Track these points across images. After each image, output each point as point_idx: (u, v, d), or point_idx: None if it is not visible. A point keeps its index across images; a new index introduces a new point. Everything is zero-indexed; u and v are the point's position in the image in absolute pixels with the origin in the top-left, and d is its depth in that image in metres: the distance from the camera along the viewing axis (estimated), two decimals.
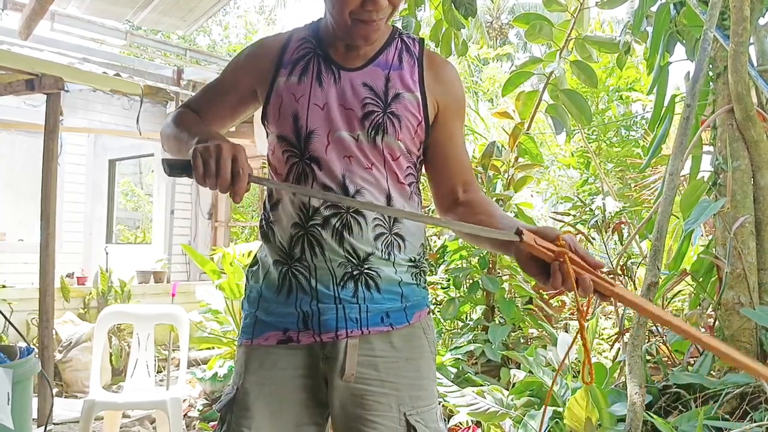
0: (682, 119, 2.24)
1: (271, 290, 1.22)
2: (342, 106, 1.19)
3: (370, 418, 1.17)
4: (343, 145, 1.18)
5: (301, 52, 1.24)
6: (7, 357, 2.20)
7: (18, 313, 4.90)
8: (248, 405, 1.19)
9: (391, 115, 1.19)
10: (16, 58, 3.93)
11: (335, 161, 1.17)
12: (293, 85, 1.21)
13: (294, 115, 1.19)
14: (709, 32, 2.28)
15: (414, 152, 1.25)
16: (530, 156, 3.61)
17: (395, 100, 1.20)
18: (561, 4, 3.50)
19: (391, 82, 1.21)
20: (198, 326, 4.04)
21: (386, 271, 1.19)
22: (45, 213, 3.62)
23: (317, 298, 1.17)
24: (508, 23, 20.79)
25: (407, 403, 1.18)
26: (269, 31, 18.32)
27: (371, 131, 1.18)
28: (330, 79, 1.20)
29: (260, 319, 1.23)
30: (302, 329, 1.19)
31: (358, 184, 1.17)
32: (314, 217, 1.18)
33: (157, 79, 6.95)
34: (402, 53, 1.25)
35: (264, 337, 1.22)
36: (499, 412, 2.26)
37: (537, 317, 3.54)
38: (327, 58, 1.22)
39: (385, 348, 1.19)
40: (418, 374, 1.21)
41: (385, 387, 1.18)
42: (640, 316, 2.12)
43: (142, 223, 12.04)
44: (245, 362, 1.23)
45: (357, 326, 1.17)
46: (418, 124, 1.22)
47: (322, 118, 1.18)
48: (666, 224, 2.17)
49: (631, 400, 1.98)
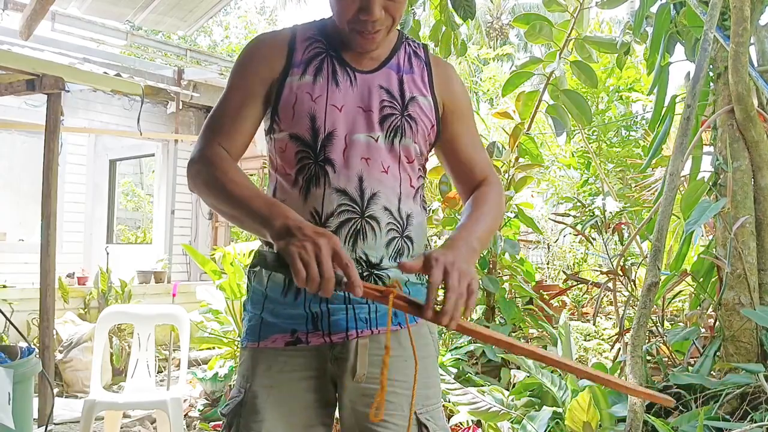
0: (683, 119, 2.24)
1: (276, 291, 1.20)
2: (360, 108, 1.19)
3: (382, 417, 1.16)
4: (360, 147, 1.17)
5: (313, 52, 1.21)
6: (7, 357, 2.21)
7: (19, 313, 4.90)
8: (258, 408, 1.17)
9: (409, 117, 1.21)
10: (17, 58, 3.93)
11: (352, 164, 1.16)
12: (308, 84, 1.18)
13: (311, 115, 1.17)
14: (710, 32, 2.28)
15: (425, 154, 1.27)
16: (530, 156, 3.61)
17: (411, 103, 1.22)
18: (561, 4, 3.50)
19: (406, 85, 1.23)
20: (198, 326, 4.03)
21: (394, 273, 1.19)
22: (45, 213, 3.62)
23: (327, 299, 1.16)
24: (508, 24, 20.79)
25: (417, 402, 1.17)
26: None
27: (390, 133, 1.19)
28: (346, 81, 1.20)
29: (266, 321, 1.21)
30: (311, 330, 1.17)
31: (375, 187, 1.17)
32: (327, 224, 1.15)
33: (157, 80, 6.96)
34: (411, 57, 1.27)
35: (271, 339, 1.20)
36: (500, 411, 2.26)
37: (537, 317, 3.54)
38: (340, 60, 1.21)
39: (395, 347, 1.17)
40: (427, 372, 1.21)
41: (395, 386, 1.17)
42: (640, 316, 2.13)
43: (142, 223, 12.04)
44: (252, 366, 1.21)
45: (367, 326, 1.17)
46: (431, 127, 1.25)
47: (340, 119, 1.17)
48: (666, 225, 2.17)
49: (632, 400, 1.98)
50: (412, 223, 1.22)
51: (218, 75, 7.98)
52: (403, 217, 1.20)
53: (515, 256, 3.54)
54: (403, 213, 1.20)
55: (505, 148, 3.63)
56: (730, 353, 2.42)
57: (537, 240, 6.20)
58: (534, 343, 3.43)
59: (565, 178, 7.79)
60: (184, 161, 8.13)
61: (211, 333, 4.02)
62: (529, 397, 2.45)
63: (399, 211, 1.20)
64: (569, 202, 6.01)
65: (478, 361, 3.29)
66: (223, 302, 4.00)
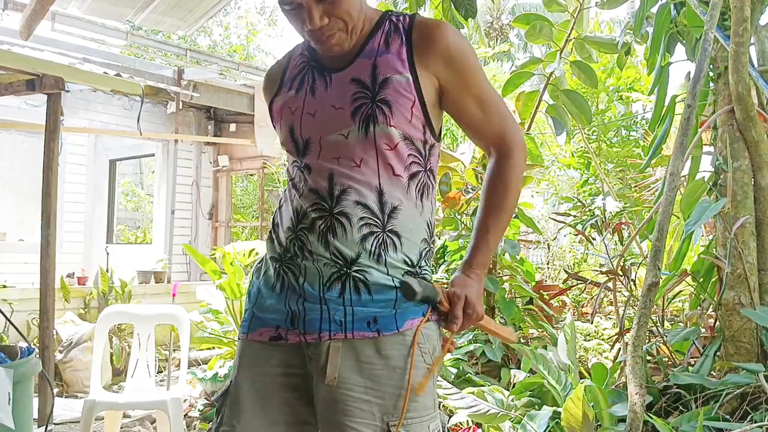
0: (683, 119, 2.24)
1: (267, 286, 1.25)
2: (333, 107, 1.20)
3: (350, 424, 1.13)
4: (331, 147, 1.19)
5: (299, 68, 1.29)
6: (7, 357, 2.21)
7: (19, 313, 4.90)
8: (239, 399, 1.22)
9: (381, 102, 1.16)
10: (17, 58, 3.93)
11: (324, 165, 1.19)
12: (291, 98, 1.26)
13: (290, 127, 1.24)
14: (710, 32, 2.28)
15: (416, 137, 1.20)
16: (531, 156, 3.60)
17: (384, 85, 1.17)
18: (561, 4, 3.50)
19: (379, 68, 1.18)
20: (198, 326, 4.03)
21: (376, 274, 1.15)
22: (45, 213, 3.62)
23: (304, 297, 1.18)
24: (508, 24, 20.79)
25: (391, 412, 1.14)
26: (270, 32, 18.30)
27: (362, 124, 1.17)
28: (322, 86, 1.23)
29: (256, 315, 1.26)
30: (290, 328, 1.20)
31: (345, 183, 1.17)
32: (303, 221, 1.20)
33: (157, 80, 6.96)
34: (390, 35, 1.21)
35: (258, 332, 1.24)
36: (498, 414, 2.26)
37: (537, 317, 3.54)
38: (320, 67, 1.25)
39: (371, 354, 1.15)
40: (404, 384, 1.15)
41: (368, 394, 1.14)
42: (640, 316, 2.13)
43: (142, 223, 12.04)
44: (240, 356, 1.27)
45: (341, 329, 1.15)
46: (412, 105, 1.17)
47: (313, 125, 1.21)
48: (667, 225, 2.17)
49: (632, 400, 1.98)
50: (397, 216, 1.17)
51: (218, 75, 8.00)
52: (385, 210, 1.17)
53: (515, 256, 3.54)
54: (386, 206, 1.17)
55: None
56: (730, 353, 2.42)
57: (537, 240, 6.19)
58: (534, 343, 3.43)
59: (565, 178, 7.79)
60: (184, 161, 8.15)
61: (211, 333, 4.02)
62: (529, 396, 2.45)
63: (379, 204, 1.16)
64: (569, 202, 6.01)
65: (478, 361, 3.29)
66: (223, 302, 4.00)
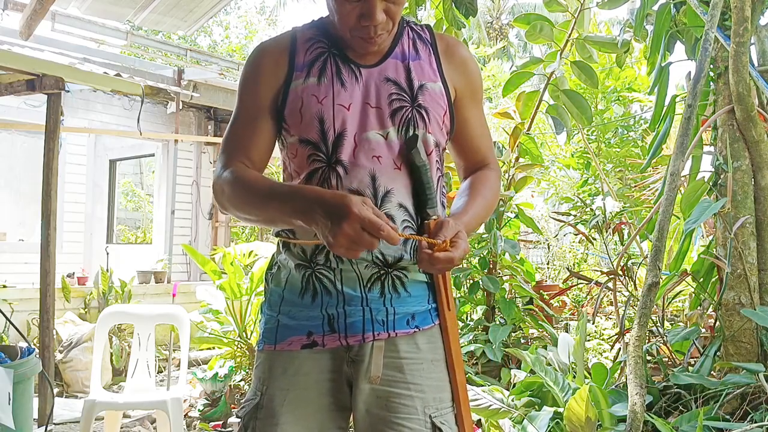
0: (683, 119, 2.24)
1: (293, 293, 1.20)
2: (368, 105, 1.16)
3: (396, 420, 1.15)
4: (370, 145, 1.14)
5: (315, 53, 1.20)
6: (7, 357, 2.21)
7: (19, 313, 4.90)
8: (274, 412, 1.18)
9: (419, 107, 1.17)
10: (17, 58, 3.93)
11: (363, 163, 1.14)
12: (313, 86, 1.17)
13: (319, 117, 1.15)
14: (710, 32, 2.28)
15: (442, 144, 1.23)
16: (531, 156, 3.61)
17: (420, 91, 1.18)
18: (561, 4, 3.50)
19: (413, 73, 1.19)
20: (198, 326, 4.03)
21: (413, 273, 1.17)
22: (46, 213, 3.62)
23: (344, 301, 1.15)
24: (508, 23, 20.79)
25: (432, 405, 1.17)
26: (270, 32, 18.31)
27: (402, 127, 1.15)
28: (351, 78, 1.17)
29: (282, 324, 1.21)
30: (327, 332, 1.17)
31: (388, 185, 1.14)
32: None
33: (157, 80, 6.96)
34: (416, 42, 1.23)
35: (287, 341, 1.19)
36: (500, 409, 2.26)
37: (537, 317, 3.54)
38: (343, 57, 1.19)
39: (411, 350, 1.17)
40: (441, 375, 1.20)
41: (410, 389, 1.16)
42: (641, 316, 2.13)
43: (142, 223, 12.03)
44: (269, 368, 1.21)
45: (384, 329, 1.16)
46: (444, 114, 1.20)
47: (348, 118, 1.15)
48: (667, 225, 2.17)
49: (632, 400, 1.98)
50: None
51: (218, 75, 7.99)
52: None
53: (515, 256, 3.54)
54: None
55: (505, 148, 3.62)
56: (730, 353, 2.42)
57: (537, 240, 6.20)
58: (534, 343, 3.43)
59: (565, 178, 7.79)
60: (184, 161, 8.14)
61: (211, 333, 4.02)
62: (529, 397, 2.45)
63: (415, 208, 1.18)
64: (569, 202, 6.02)
65: (478, 362, 3.29)
66: (223, 302, 4.00)
